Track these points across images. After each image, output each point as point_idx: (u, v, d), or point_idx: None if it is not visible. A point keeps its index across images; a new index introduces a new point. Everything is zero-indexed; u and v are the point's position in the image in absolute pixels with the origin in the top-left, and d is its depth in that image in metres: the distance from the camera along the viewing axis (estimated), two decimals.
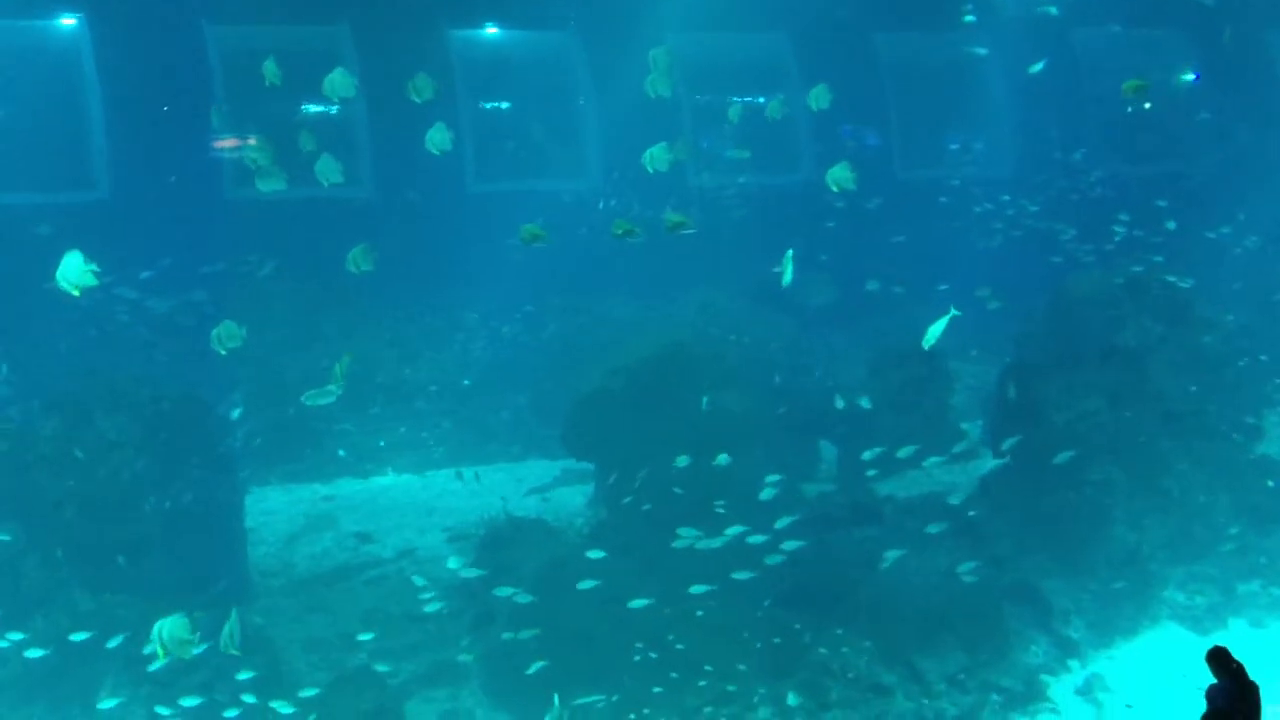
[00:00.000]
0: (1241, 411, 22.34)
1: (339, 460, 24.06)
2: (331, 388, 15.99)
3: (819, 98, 18.97)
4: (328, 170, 17.45)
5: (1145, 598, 19.07)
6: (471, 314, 26.94)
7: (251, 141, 26.08)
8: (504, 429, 25.73)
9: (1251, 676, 8.56)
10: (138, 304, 24.81)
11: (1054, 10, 25.26)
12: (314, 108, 26.86)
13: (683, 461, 17.27)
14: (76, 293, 13.49)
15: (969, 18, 27.67)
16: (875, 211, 28.56)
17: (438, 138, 17.17)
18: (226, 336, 15.99)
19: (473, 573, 17.72)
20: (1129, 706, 17.15)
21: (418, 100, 17.53)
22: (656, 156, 17.86)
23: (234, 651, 13.86)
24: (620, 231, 16.46)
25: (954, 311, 15.50)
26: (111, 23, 25.23)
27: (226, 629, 13.93)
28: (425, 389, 25.61)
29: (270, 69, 17.89)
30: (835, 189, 16.88)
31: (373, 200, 26.76)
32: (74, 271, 13.62)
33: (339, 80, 16.78)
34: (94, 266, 13.82)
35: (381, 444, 24.87)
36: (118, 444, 17.79)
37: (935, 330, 15.54)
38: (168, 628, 13.07)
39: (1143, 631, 18.83)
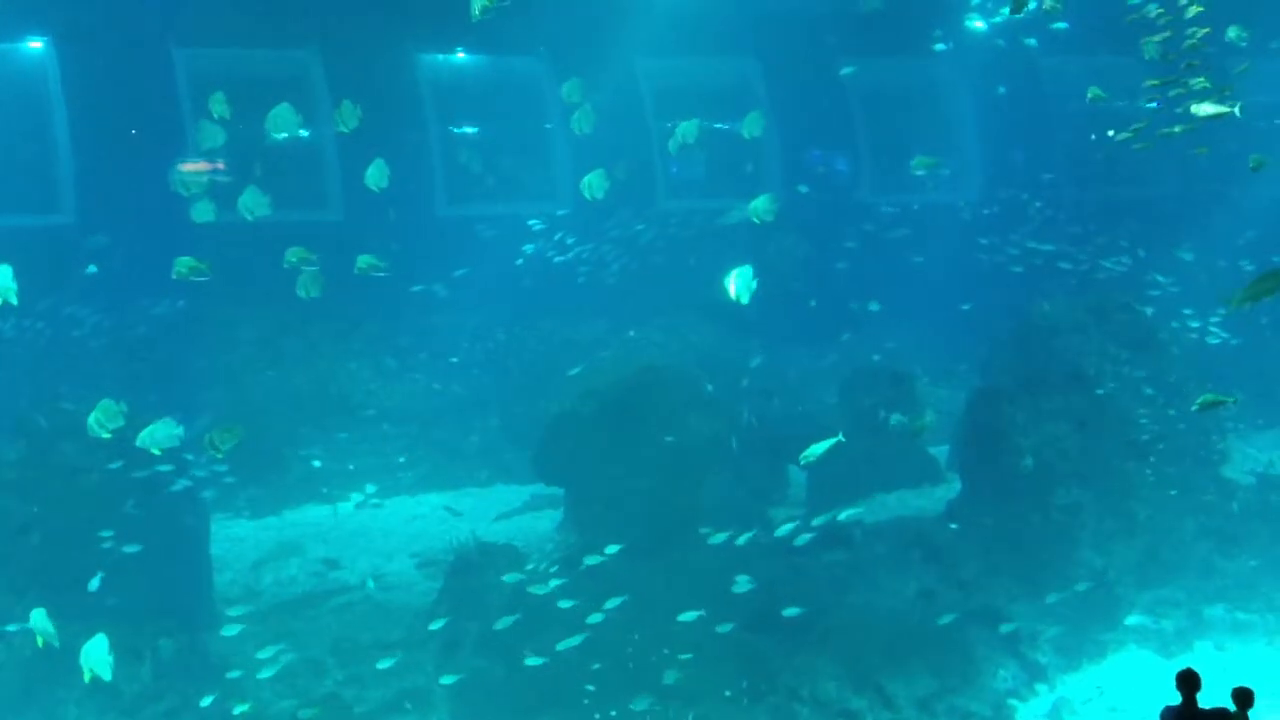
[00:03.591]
0: (1207, 435, 22.51)
1: (306, 485, 23.88)
2: (166, 423, 15.29)
3: (752, 125, 19.11)
4: (253, 203, 16.98)
5: (1112, 621, 19.16)
6: (440, 338, 26.84)
7: (220, 165, 26.00)
8: (473, 453, 25.62)
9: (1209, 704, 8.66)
10: (100, 327, 24.69)
11: (1033, 41, 25.45)
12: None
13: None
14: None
15: (940, 45, 27.79)
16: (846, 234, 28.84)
17: (375, 174, 17.01)
18: (106, 417, 14.85)
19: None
20: None
21: (344, 130, 17.38)
22: (593, 184, 17.82)
23: (103, 676, 13.66)
24: (364, 265, 16.80)
25: (840, 436, 15.79)
26: (79, 46, 25.10)
27: (92, 650, 13.52)
28: (392, 413, 25.49)
29: (218, 102, 17.59)
30: (756, 220, 17.18)
31: (342, 223, 26.63)
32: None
33: (283, 115, 16.54)
34: (14, 285, 13.96)
35: (350, 468, 24.71)
36: (82, 469, 17.66)
37: (816, 450, 15.79)
38: (36, 619, 13.75)
39: (1109, 655, 18.92)
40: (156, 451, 15.10)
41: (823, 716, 16.80)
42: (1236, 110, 14.91)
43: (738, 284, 15.57)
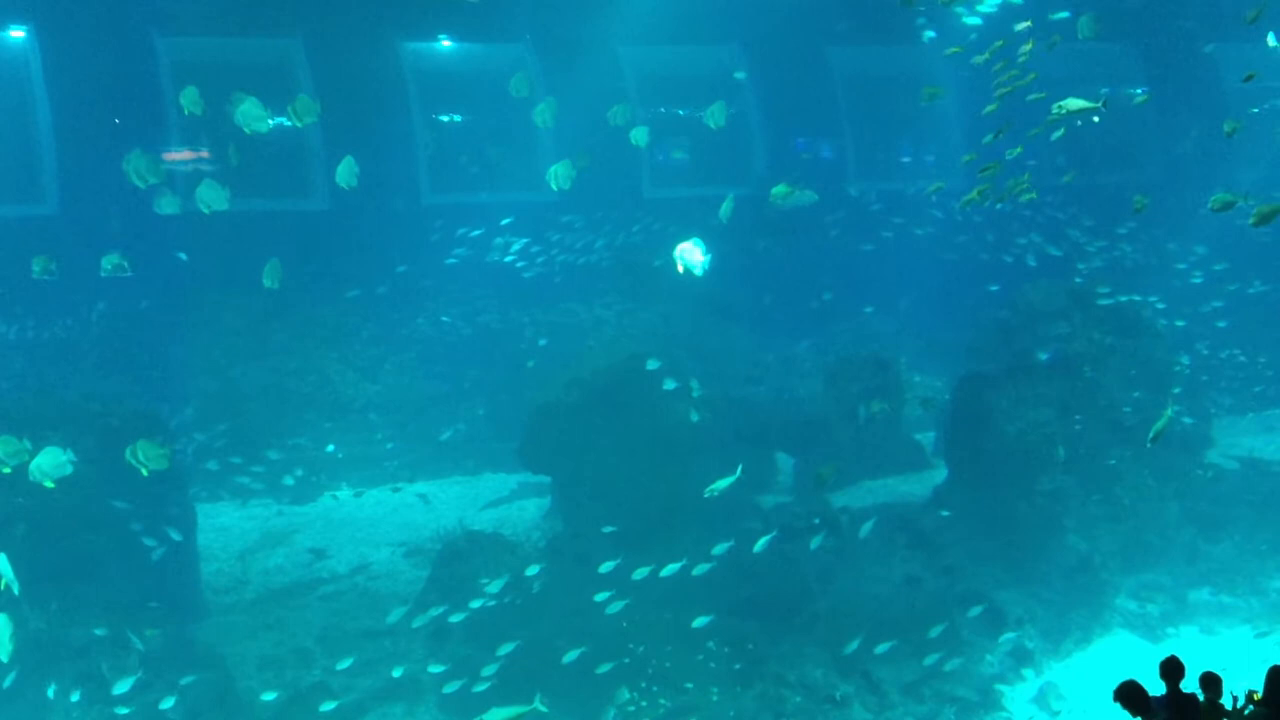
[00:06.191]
0: (1191, 420, 22.63)
1: (292, 475, 23.79)
2: (53, 451, 14.72)
3: (715, 115, 19.14)
4: (210, 197, 16.74)
5: (1098, 606, 19.24)
6: (425, 326, 26.81)
7: (204, 154, 25.91)
8: (460, 442, 25.57)
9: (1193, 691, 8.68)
10: (88, 317, 24.62)
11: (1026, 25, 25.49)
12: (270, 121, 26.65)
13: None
14: None
15: (929, 34, 27.80)
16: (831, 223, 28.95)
17: (345, 172, 16.87)
18: (6, 453, 14.58)
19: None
20: None
21: (299, 125, 17.27)
22: (559, 174, 17.75)
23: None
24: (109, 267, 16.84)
25: (739, 472, 16.02)
26: (61, 35, 24.96)
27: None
28: (379, 402, 25.43)
29: (190, 96, 17.39)
30: (725, 220, 17.37)
31: (328, 212, 26.57)
32: None
33: (251, 111, 16.36)
34: None
35: (340, 457, 24.64)
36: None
37: (719, 485, 15.97)
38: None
39: (1095, 639, 19.00)
40: (50, 484, 14.74)
41: (810, 701, 16.85)
42: (1102, 105, 15.57)
43: (688, 257, 15.60)
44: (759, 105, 29.66)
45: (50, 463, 14.62)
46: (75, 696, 15.52)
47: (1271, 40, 17.09)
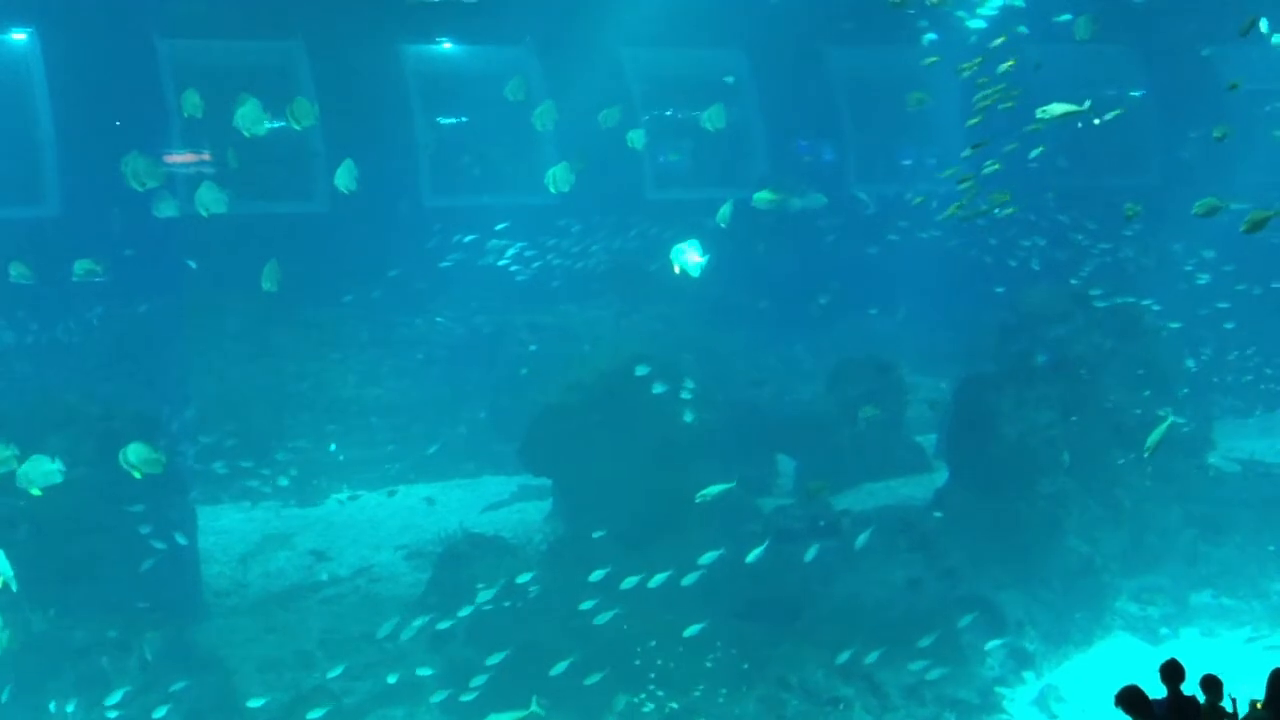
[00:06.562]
0: (1191, 422, 22.59)
1: (293, 477, 23.80)
2: (41, 459, 14.75)
3: (714, 118, 19.10)
4: (209, 199, 16.69)
5: (1098, 608, 19.21)
6: (426, 328, 26.80)
7: (205, 156, 25.90)
8: (461, 445, 25.55)
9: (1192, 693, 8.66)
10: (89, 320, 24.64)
11: (1024, 29, 25.55)
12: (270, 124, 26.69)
13: None
14: None
15: (930, 35, 27.78)
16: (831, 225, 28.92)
17: (344, 175, 16.81)
18: None
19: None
20: None
21: (298, 127, 17.26)
22: (558, 176, 17.74)
23: None
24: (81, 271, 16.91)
25: (732, 483, 16.42)
26: (62, 37, 24.99)
27: None
28: (380, 405, 25.42)
29: (191, 99, 17.36)
30: (723, 225, 17.48)
31: (331, 214, 26.56)
32: None
33: (251, 113, 16.30)
34: None
35: (341, 460, 24.64)
36: (69, 463, 17.57)
37: (711, 491, 16.23)
38: None
39: (1096, 642, 18.97)
40: (36, 492, 14.68)
41: (812, 705, 16.83)
42: (1087, 108, 15.50)
43: (685, 258, 15.62)
44: (761, 108, 29.65)
45: (37, 470, 14.56)
46: (74, 701, 15.52)
47: (1264, 26, 17.07)
